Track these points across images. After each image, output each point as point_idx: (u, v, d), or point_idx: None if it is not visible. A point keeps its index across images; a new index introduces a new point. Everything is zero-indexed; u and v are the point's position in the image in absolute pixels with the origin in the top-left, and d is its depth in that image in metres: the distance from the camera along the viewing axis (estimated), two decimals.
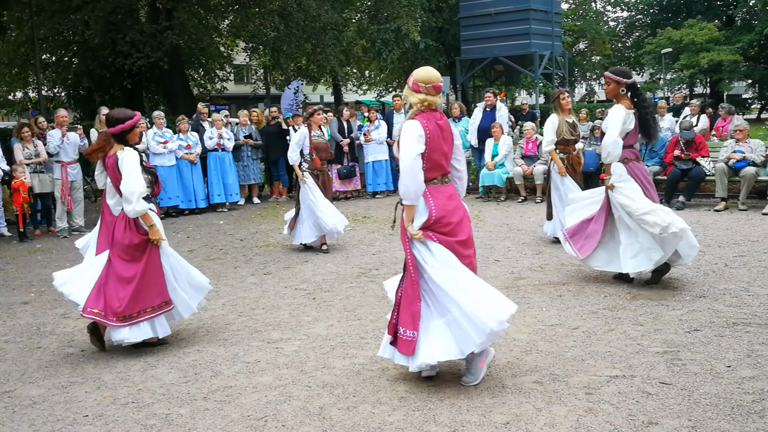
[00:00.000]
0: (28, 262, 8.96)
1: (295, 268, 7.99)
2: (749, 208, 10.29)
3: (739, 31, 37.52)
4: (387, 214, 11.62)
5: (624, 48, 45.59)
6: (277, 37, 19.50)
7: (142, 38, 17.14)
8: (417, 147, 4.16)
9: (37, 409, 4.31)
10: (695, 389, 4.08)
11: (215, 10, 20.22)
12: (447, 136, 4.32)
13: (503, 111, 13.33)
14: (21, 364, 5.17)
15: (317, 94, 34.65)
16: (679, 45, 35.02)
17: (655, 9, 43.83)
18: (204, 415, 4.09)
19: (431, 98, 4.26)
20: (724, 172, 10.44)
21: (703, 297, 5.97)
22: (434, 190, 4.29)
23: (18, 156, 10.61)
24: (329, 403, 4.17)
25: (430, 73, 4.30)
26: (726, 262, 7.15)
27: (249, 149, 13.61)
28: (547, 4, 24.60)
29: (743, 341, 4.83)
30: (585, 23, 37.30)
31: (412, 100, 4.29)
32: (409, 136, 4.17)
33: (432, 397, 4.17)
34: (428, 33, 26.43)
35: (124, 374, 4.84)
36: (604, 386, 4.19)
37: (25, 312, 6.60)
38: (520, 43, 23.87)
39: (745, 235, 8.46)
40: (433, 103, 4.27)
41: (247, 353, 5.14)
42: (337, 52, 20.16)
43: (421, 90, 4.25)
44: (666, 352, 4.70)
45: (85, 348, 5.46)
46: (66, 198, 10.73)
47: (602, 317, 5.53)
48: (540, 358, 4.71)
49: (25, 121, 11.61)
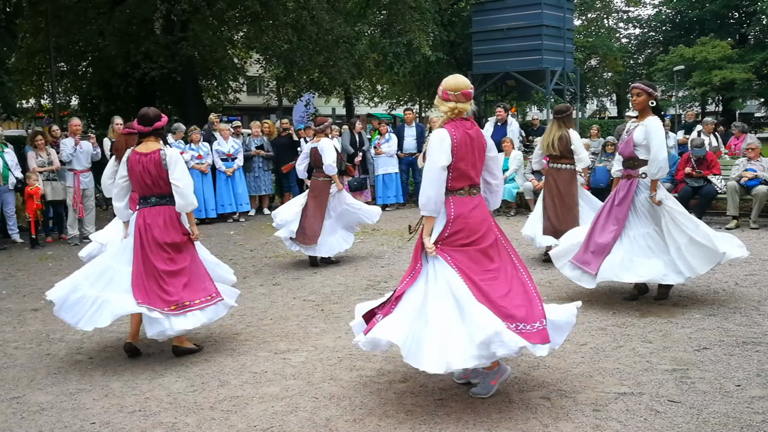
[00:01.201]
0: (39, 269, 9.01)
1: (304, 279, 8.00)
2: (761, 226, 10.24)
3: (752, 49, 37.42)
4: (397, 226, 11.63)
5: (636, 65, 45.54)
6: (290, 49, 19.59)
7: (157, 49, 17.27)
8: (443, 158, 4.14)
9: (45, 416, 4.32)
10: (704, 408, 4.05)
11: (230, 22, 20.35)
12: (477, 146, 4.29)
13: (514, 126, 13.35)
14: (30, 370, 5.19)
15: (329, 107, 34.73)
16: (692, 62, 34.95)
17: (667, 26, 43.80)
18: (210, 425, 4.09)
19: (461, 105, 4.26)
20: (735, 191, 10.40)
21: (713, 315, 5.93)
22: (458, 201, 4.25)
23: (31, 164, 10.71)
24: (336, 414, 4.16)
25: (459, 81, 4.31)
26: (737, 280, 7.11)
27: (260, 160, 13.68)
28: (560, 20, 24.63)
29: (753, 360, 4.80)
30: (597, 39, 37.28)
31: (442, 108, 4.30)
32: (436, 145, 4.16)
33: (439, 411, 4.16)
34: (440, 47, 26.48)
35: (132, 382, 4.85)
36: (612, 403, 4.17)
37: (35, 319, 6.64)
38: (532, 58, 23.89)
39: (756, 254, 8.40)
40: (463, 110, 4.27)
41: (255, 363, 5.15)
42: (349, 65, 20.24)
43: (450, 98, 4.26)
44: (675, 370, 4.67)
45: (93, 356, 5.48)
46: (78, 206, 10.81)
47: (611, 334, 5.51)
48: (547, 374, 4.69)
49: (39, 129, 11.73)
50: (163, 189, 5.35)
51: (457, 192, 4.25)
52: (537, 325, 4.08)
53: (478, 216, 4.27)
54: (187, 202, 5.35)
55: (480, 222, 4.27)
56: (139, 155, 5.34)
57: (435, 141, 4.18)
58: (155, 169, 5.29)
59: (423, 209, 4.22)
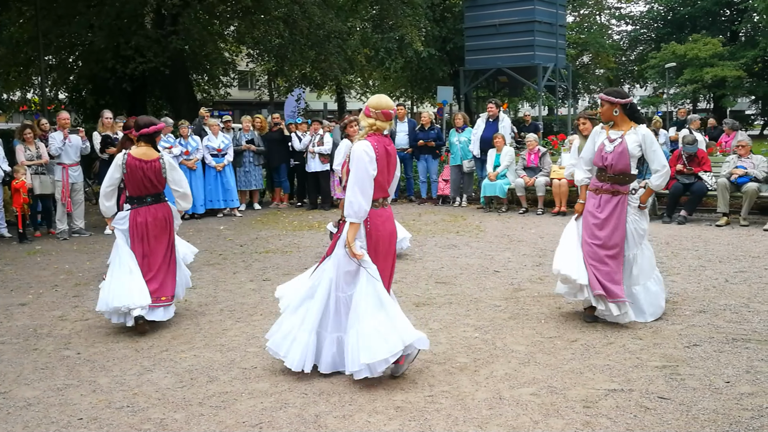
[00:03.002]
0: (27, 264, 8.94)
1: (295, 275, 7.92)
2: (751, 223, 10.28)
3: (743, 47, 37.59)
4: None
5: (628, 62, 45.68)
6: (281, 44, 19.53)
7: (147, 43, 17.17)
8: (371, 167, 4.44)
9: (32, 411, 4.28)
10: (693, 404, 4.06)
11: (220, 16, 20.27)
12: (392, 161, 4.64)
13: (506, 122, 13.34)
14: (17, 365, 5.14)
15: (321, 102, 34.69)
16: (683, 60, 35.08)
17: (659, 23, 43.94)
18: (199, 421, 4.07)
19: (380, 123, 4.57)
20: (726, 188, 10.43)
21: (703, 312, 5.94)
22: (374, 213, 4.56)
23: (20, 157, 10.62)
24: (325, 410, 4.15)
25: (381, 101, 4.63)
26: (726, 277, 7.13)
27: (251, 155, 13.62)
28: (552, 16, 24.68)
29: (742, 357, 4.81)
30: (589, 36, 37.36)
31: (362, 123, 4.62)
32: (365, 156, 4.44)
33: (428, 407, 4.15)
34: (432, 42, 26.48)
35: (120, 378, 4.81)
36: (602, 400, 4.17)
37: (23, 314, 6.59)
38: (524, 54, 23.93)
39: (746, 251, 8.44)
40: (382, 128, 4.59)
41: (244, 359, 5.12)
42: (340, 60, 20.19)
43: (371, 115, 4.58)
44: (665, 367, 4.68)
45: (81, 351, 5.44)
46: (66, 200, 10.73)
47: (601, 330, 5.51)
48: (538, 370, 4.69)
49: (28, 123, 11.62)
50: (158, 190, 6.04)
51: (373, 204, 4.53)
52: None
53: (389, 228, 4.68)
54: (189, 202, 6.28)
55: (389, 234, 4.67)
56: (139, 161, 5.90)
57: (362, 152, 4.44)
58: (155, 176, 5.95)
59: (353, 216, 4.43)
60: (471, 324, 5.81)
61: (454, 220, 11.62)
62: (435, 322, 5.90)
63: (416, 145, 13.84)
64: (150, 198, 5.99)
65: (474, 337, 5.47)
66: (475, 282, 7.32)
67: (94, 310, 5.96)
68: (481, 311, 6.20)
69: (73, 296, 7.18)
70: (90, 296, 7.16)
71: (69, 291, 7.41)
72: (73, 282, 7.65)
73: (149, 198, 5.98)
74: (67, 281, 7.79)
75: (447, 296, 6.75)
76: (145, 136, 5.99)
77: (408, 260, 8.51)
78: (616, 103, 5.70)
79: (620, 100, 5.70)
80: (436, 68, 28.15)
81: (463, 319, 5.95)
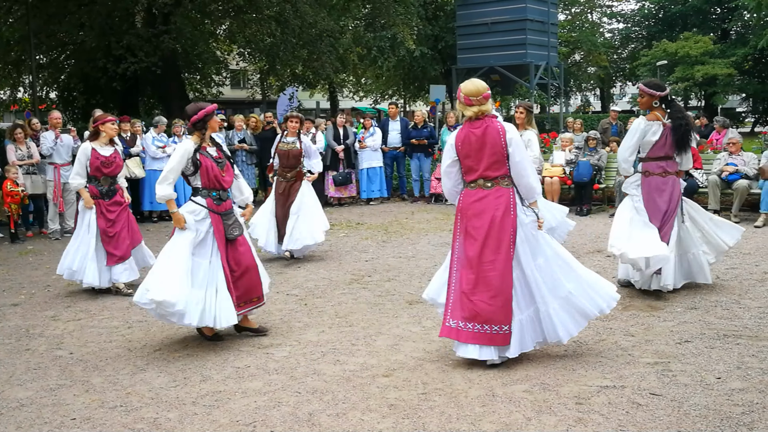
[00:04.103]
0: (19, 264, 8.91)
1: (288, 273, 7.97)
2: (741, 220, 10.30)
3: (733, 44, 37.71)
4: (381, 221, 11.62)
5: (620, 59, 45.77)
6: (273, 43, 19.49)
7: (138, 42, 17.10)
8: (447, 156, 4.87)
9: (25, 412, 4.27)
10: (685, 400, 4.08)
11: (212, 15, 20.21)
12: (484, 144, 4.72)
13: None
14: (9, 366, 5.13)
15: (313, 101, 34.63)
16: (675, 57, 35.17)
17: (651, 21, 44.03)
18: (192, 420, 4.07)
19: (484, 107, 4.77)
20: (717, 185, 10.48)
21: (694, 309, 5.97)
22: (466, 193, 4.84)
23: (11, 157, 10.57)
24: (319, 409, 4.15)
25: (477, 86, 4.79)
26: (717, 274, 7.16)
27: (243, 154, 13.60)
28: (544, 14, 24.67)
29: (733, 353, 4.84)
30: (581, 34, 37.43)
31: (467, 113, 4.80)
32: (445, 146, 4.91)
33: (422, 405, 4.16)
34: (424, 41, 26.47)
35: (113, 378, 4.81)
36: (595, 396, 4.19)
37: (15, 314, 6.57)
38: (517, 53, 23.90)
39: (737, 248, 8.44)
40: (488, 110, 4.79)
41: (237, 358, 5.12)
42: (332, 59, 20.17)
43: (473, 103, 4.75)
44: (657, 363, 4.70)
45: (73, 350, 5.43)
46: (58, 200, 10.69)
47: (593, 327, 5.53)
48: (530, 367, 4.70)
49: (19, 122, 11.57)
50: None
51: (468, 185, 4.82)
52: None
53: (477, 207, 4.75)
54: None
55: (476, 213, 4.74)
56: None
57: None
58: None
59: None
60: None
61: (447, 219, 11.62)
62: (428, 320, 5.91)
63: (409, 144, 13.85)
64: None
65: None
66: None
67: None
68: None
69: (65, 296, 7.16)
70: (82, 296, 7.15)
71: (61, 291, 7.39)
72: (65, 282, 7.63)
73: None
74: (59, 281, 7.77)
75: None
76: (194, 124, 5.43)
77: (401, 258, 8.52)
78: (655, 96, 6.30)
79: (657, 93, 6.30)
80: (429, 67, 28.15)
81: None
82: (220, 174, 5.41)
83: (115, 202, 7.23)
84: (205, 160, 5.35)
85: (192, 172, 5.34)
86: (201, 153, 5.36)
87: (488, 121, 4.76)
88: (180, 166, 5.32)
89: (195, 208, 5.35)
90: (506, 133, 4.74)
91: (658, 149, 6.32)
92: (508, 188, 4.76)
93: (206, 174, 5.33)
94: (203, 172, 5.33)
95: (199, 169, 5.32)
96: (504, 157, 4.73)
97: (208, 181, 5.35)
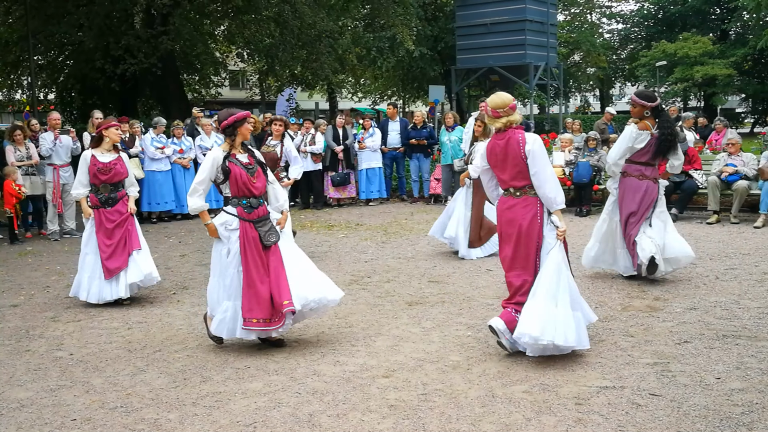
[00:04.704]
0: (18, 265, 8.91)
1: None
2: (741, 221, 10.33)
3: (733, 45, 37.76)
4: (380, 221, 11.62)
5: (619, 60, 45.80)
6: (272, 43, 19.48)
7: (137, 43, 17.09)
8: (478, 164, 5.29)
9: (25, 413, 4.27)
10: (685, 401, 4.09)
11: (211, 16, 20.21)
12: (506, 155, 4.90)
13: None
14: (9, 367, 5.13)
15: (312, 101, 34.64)
16: (674, 58, 35.21)
17: (650, 22, 44.08)
18: (193, 421, 4.07)
19: (512, 117, 4.93)
20: (716, 185, 10.49)
21: (693, 309, 5.98)
22: (502, 199, 5.10)
23: (10, 158, 10.57)
24: (319, 410, 4.15)
25: (504, 99, 4.95)
26: (717, 274, 7.17)
27: None
28: (543, 15, 24.71)
29: (733, 353, 4.85)
30: (580, 35, 37.44)
31: (496, 125, 4.97)
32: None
33: (422, 405, 4.16)
34: (423, 42, 26.49)
35: (113, 378, 4.81)
36: (594, 397, 4.19)
37: (15, 315, 6.57)
38: (516, 53, 23.94)
39: (736, 248, 8.49)
40: (516, 120, 4.95)
41: (238, 359, 5.12)
42: (331, 59, 20.16)
43: (501, 114, 4.93)
44: (656, 364, 4.71)
45: (73, 351, 5.43)
46: (57, 201, 10.69)
47: (593, 328, 5.53)
48: (530, 368, 4.71)
49: (18, 123, 11.56)
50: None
51: (503, 192, 5.09)
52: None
53: (507, 216, 5.00)
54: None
55: (506, 221, 5.00)
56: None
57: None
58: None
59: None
60: (464, 322, 5.83)
61: None
62: (428, 320, 5.92)
63: (408, 144, 13.85)
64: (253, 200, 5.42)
65: (467, 335, 5.49)
66: (467, 281, 7.34)
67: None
68: (474, 310, 6.22)
69: (65, 297, 7.16)
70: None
71: (61, 292, 7.39)
72: (64, 283, 7.62)
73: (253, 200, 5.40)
74: (58, 282, 7.77)
75: (440, 295, 6.77)
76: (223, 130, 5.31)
77: (400, 259, 8.52)
78: (646, 107, 6.75)
79: (648, 104, 6.75)
80: (428, 67, 28.18)
81: (456, 318, 5.97)
82: (250, 181, 5.27)
83: (116, 211, 6.90)
84: (234, 168, 5.23)
85: (222, 180, 5.25)
86: (230, 160, 5.25)
87: (511, 133, 4.91)
88: (209, 175, 5.25)
89: (227, 219, 5.28)
90: (525, 144, 4.84)
91: (641, 155, 6.83)
92: (535, 197, 4.93)
93: (236, 182, 5.23)
94: (232, 179, 5.22)
95: (228, 177, 5.24)
96: (525, 168, 4.85)
97: (238, 189, 5.24)
